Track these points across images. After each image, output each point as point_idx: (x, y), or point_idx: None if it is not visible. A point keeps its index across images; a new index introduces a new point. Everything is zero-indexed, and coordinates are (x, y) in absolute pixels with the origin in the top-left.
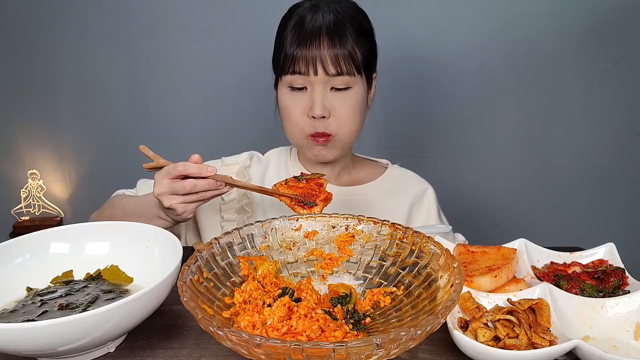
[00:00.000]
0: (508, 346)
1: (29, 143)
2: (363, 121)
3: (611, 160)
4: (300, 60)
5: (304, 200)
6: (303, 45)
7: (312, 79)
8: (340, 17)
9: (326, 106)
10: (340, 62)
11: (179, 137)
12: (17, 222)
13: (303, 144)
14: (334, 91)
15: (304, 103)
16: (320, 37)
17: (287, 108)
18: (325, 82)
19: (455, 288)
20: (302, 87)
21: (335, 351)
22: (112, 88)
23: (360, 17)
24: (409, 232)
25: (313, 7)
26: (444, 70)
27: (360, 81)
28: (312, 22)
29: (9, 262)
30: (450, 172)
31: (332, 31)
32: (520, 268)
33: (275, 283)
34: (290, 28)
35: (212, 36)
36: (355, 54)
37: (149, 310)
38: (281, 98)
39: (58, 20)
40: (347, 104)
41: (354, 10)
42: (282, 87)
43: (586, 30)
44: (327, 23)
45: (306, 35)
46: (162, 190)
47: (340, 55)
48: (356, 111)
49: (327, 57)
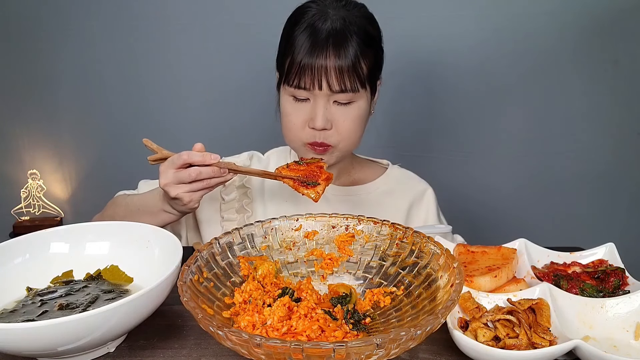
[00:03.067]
0: (508, 346)
1: (29, 143)
2: (364, 130)
3: (611, 160)
4: (306, 73)
5: (307, 180)
6: (310, 57)
7: (316, 92)
8: (348, 29)
9: (328, 118)
10: (344, 78)
11: (179, 137)
12: (17, 222)
13: (301, 150)
14: (337, 105)
15: (305, 113)
16: (327, 50)
17: (288, 116)
18: (329, 95)
19: (455, 288)
20: (306, 98)
21: (335, 351)
22: (112, 88)
23: (368, 26)
24: (409, 232)
25: (321, 14)
26: (446, 70)
27: (364, 95)
28: (320, 32)
29: (9, 262)
30: (450, 172)
31: (338, 45)
32: (520, 268)
33: (275, 283)
34: (299, 35)
35: (213, 36)
36: (360, 68)
37: (149, 310)
38: (283, 105)
39: (58, 20)
40: (349, 118)
41: (363, 18)
42: (285, 94)
43: (587, 30)
44: (335, 35)
45: (313, 47)
46: (167, 181)
47: (346, 72)
48: (358, 124)
49: (331, 71)
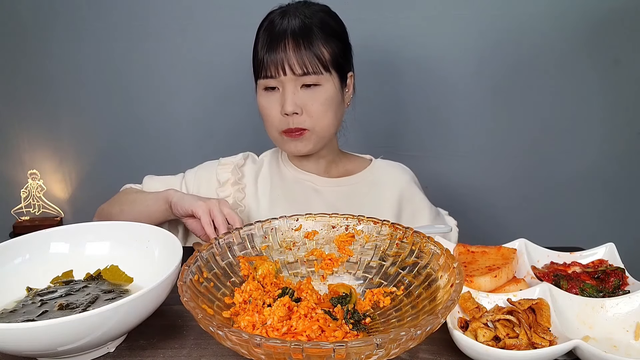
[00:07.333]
0: (508, 346)
1: (29, 143)
2: (338, 117)
3: (611, 160)
4: (269, 63)
5: None
6: (271, 50)
7: (282, 79)
8: (306, 21)
9: (297, 103)
10: (305, 62)
11: (179, 137)
12: (17, 222)
13: (279, 140)
14: (305, 88)
15: (277, 102)
16: (285, 40)
17: (264, 109)
18: (295, 80)
19: (455, 288)
20: (275, 87)
21: (335, 351)
22: (112, 88)
23: (329, 19)
24: (409, 232)
25: (282, 13)
26: (444, 69)
27: (330, 79)
28: (278, 26)
29: (9, 262)
30: (450, 172)
31: (296, 34)
32: (520, 268)
33: (275, 283)
34: (261, 34)
35: (212, 37)
36: (321, 54)
37: (149, 310)
38: (259, 100)
39: (58, 20)
40: (317, 101)
41: (324, 13)
42: (259, 90)
43: (587, 29)
44: (292, 27)
45: (273, 39)
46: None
47: (306, 56)
48: (327, 107)
49: (293, 59)
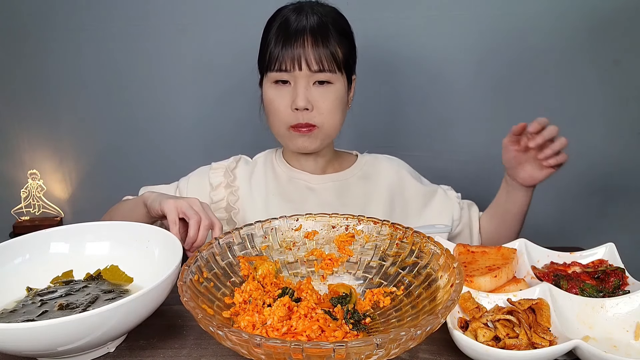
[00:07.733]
0: (508, 346)
1: (29, 143)
2: (343, 117)
3: (611, 160)
4: (285, 58)
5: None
6: (288, 44)
7: (296, 73)
8: (323, 19)
9: (309, 99)
10: (322, 59)
11: (179, 137)
12: (17, 222)
13: (286, 136)
14: (317, 85)
15: (288, 96)
16: (304, 36)
17: (272, 102)
18: (309, 76)
19: (455, 288)
20: (286, 81)
21: (335, 351)
22: (112, 88)
23: (341, 21)
24: (409, 232)
25: (297, 9)
26: (444, 68)
27: (341, 79)
28: (296, 22)
29: (9, 262)
30: (450, 172)
31: (315, 31)
32: (520, 268)
33: (275, 283)
34: (275, 29)
35: (212, 37)
36: (336, 53)
37: (149, 310)
38: (266, 93)
39: (58, 20)
40: (329, 99)
41: (336, 13)
42: (267, 82)
43: (586, 29)
44: (311, 24)
45: (291, 35)
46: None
47: (323, 53)
48: (337, 105)
49: (310, 55)
